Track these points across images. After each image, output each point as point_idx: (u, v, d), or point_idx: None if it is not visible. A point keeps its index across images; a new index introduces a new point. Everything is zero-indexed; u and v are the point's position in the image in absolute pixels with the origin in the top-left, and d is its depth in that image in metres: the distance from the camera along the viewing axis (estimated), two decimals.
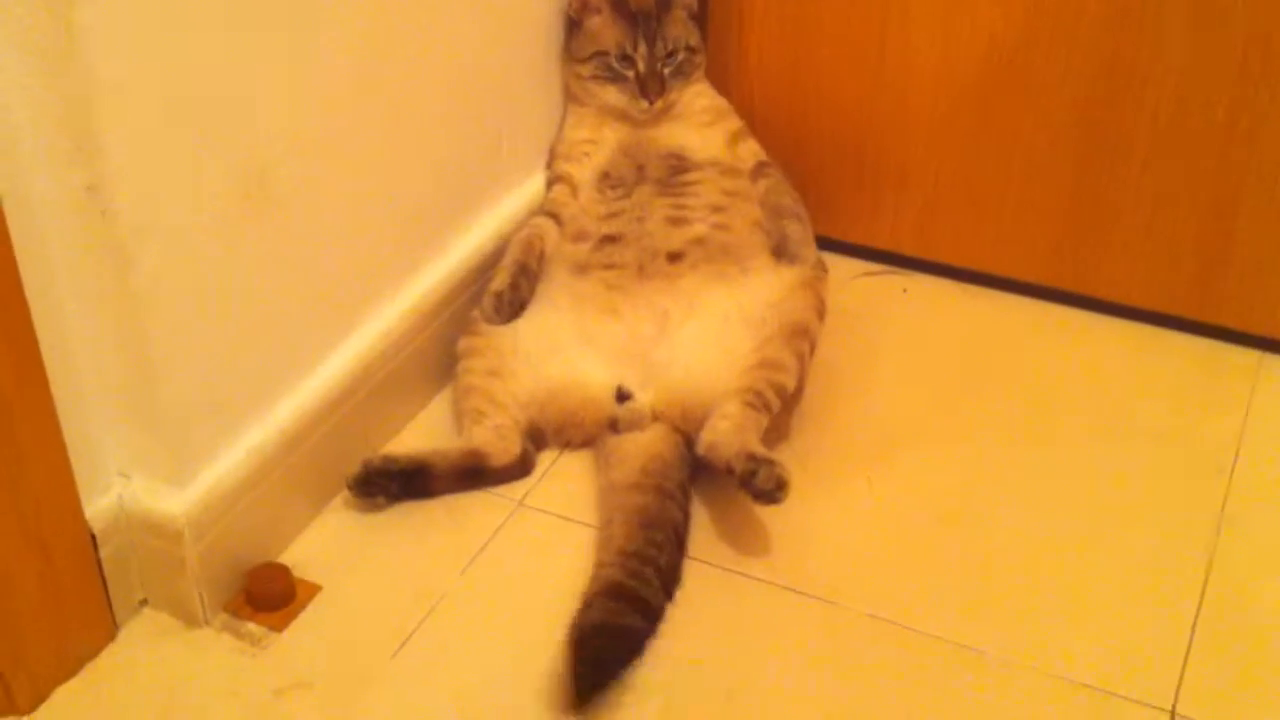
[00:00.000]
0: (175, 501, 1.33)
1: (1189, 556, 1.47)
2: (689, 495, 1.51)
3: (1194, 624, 1.40)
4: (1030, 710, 1.31)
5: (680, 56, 1.76)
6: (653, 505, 1.46)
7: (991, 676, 1.35)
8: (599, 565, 1.42)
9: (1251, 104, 1.64)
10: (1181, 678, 1.34)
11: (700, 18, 1.82)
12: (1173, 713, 1.31)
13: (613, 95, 1.76)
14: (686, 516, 1.49)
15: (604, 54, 1.75)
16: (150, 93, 1.19)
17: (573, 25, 1.78)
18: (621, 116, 1.77)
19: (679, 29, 1.76)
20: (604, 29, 1.75)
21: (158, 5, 1.17)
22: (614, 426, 1.57)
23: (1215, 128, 1.67)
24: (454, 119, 1.64)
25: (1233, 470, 1.58)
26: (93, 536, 1.33)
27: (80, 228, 1.21)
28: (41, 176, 1.18)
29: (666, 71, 1.75)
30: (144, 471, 1.35)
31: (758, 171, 1.78)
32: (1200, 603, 1.42)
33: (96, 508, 1.33)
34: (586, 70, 1.76)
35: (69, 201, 1.19)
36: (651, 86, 1.74)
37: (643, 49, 1.74)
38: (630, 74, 1.74)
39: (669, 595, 1.41)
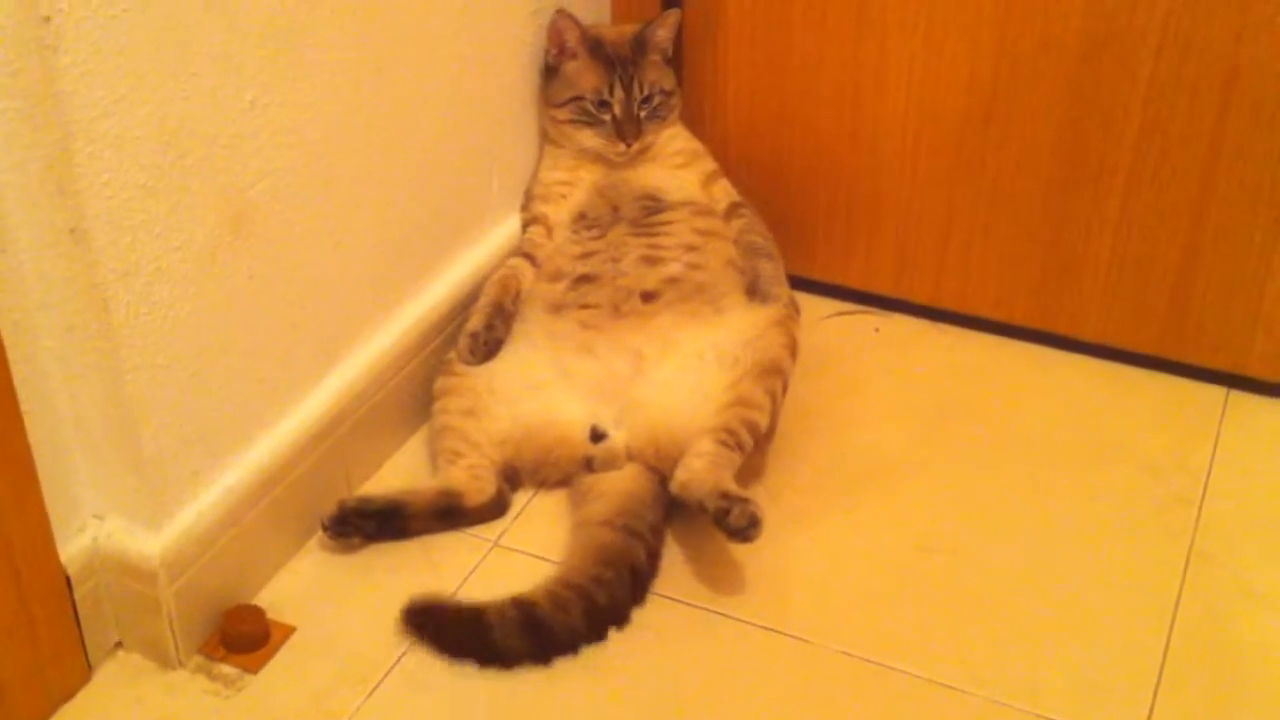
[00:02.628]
0: (150, 542, 1.34)
1: (1159, 590, 1.49)
2: (661, 537, 1.52)
3: (1164, 657, 1.41)
4: None
5: (656, 100, 1.78)
6: (617, 543, 1.48)
7: (966, 714, 1.35)
8: (534, 588, 1.44)
9: (1220, 145, 1.66)
10: (1152, 711, 1.35)
11: (676, 61, 1.84)
12: None
13: (590, 138, 1.78)
14: (654, 558, 1.50)
15: (581, 98, 1.77)
16: (131, 135, 1.20)
17: (549, 71, 1.79)
18: (597, 158, 1.79)
19: (655, 73, 1.78)
20: (581, 74, 1.77)
21: (139, 49, 1.19)
22: (589, 466, 1.58)
23: (1182, 166, 1.69)
24: (434, 160, 1.66)
25: (1201, 504, 1.60)
26: (68, 578, 1.33)
27: (60, 268, 1.21)
28: (22, 218, 1.19)
29: (643, 115, 1.77)
30: (119, 512, 1.35)
31: (731, 212, 1.80)
32: (1170, 636, 1.43)
33: (72, 549, 1.33)
34: (563, 114, 1.78)
35: (49, 243, 1.20)
36: (628, 130, 1.76)
37: (619, 93, 1.76)
38: (607, 118, 1.76)
39: (600, 635, 1.42)
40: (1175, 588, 1.49)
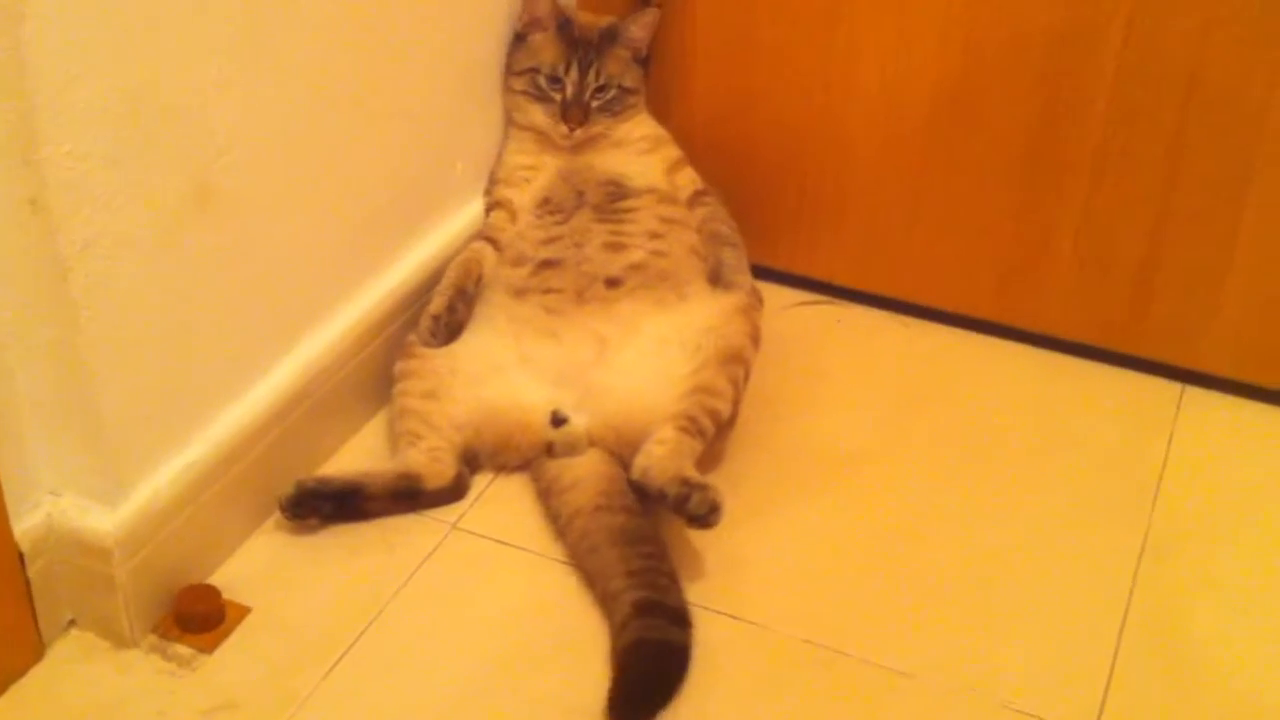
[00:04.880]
0: (106, 520, 1.32)
1: (1114, 581, 1.50)
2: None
3: (1117, 647, 1.42)
4: None
5: (611, 93, 1.77)
6: (630, 523, 1.48)
7: (921, 700, 1.36)
8: (611, 595, 1.41)
9: (1180, 138, 1.68)
10: (1105, 700, 1.36)
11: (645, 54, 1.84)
12: None
13: (538, 115, 1.77)
14: (658, 526, 1.49)
15: (536, 70, 1.76)
16: (95, 106, 1.18)
17: (518, 39, 1.79)
18: (552, 140, 1.78)
19: (617, 67, 1.78)
20: (544, 47, 1.76)
21: (105, 19, 1.17)
22: (550, 451, 1.58)
23: (1145, 162, 1.71)
24: (401, 138, 1.65)
25: (1156, 497, 1.62)
26: (20, 555, 1.31)
27: (18, 239, 1.20)
28: None
29: (595, 104, 1.76)
30: (75, 489, 1.34)
31: (695, 199, 1.80)
32: (1123, 626, 1.45)
33: (25, 525, 1.32)
34: (518, 84, 1.78)
35: (8, 213, 1.18)
36: (573, 114, 1.76)
37: (574, 75, 1.75)
38: (558, 96, 1.76)
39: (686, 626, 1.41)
40: (1130, 578, 1.50)
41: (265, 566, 1.47)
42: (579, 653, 1.39)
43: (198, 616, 1.38)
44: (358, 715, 1.32)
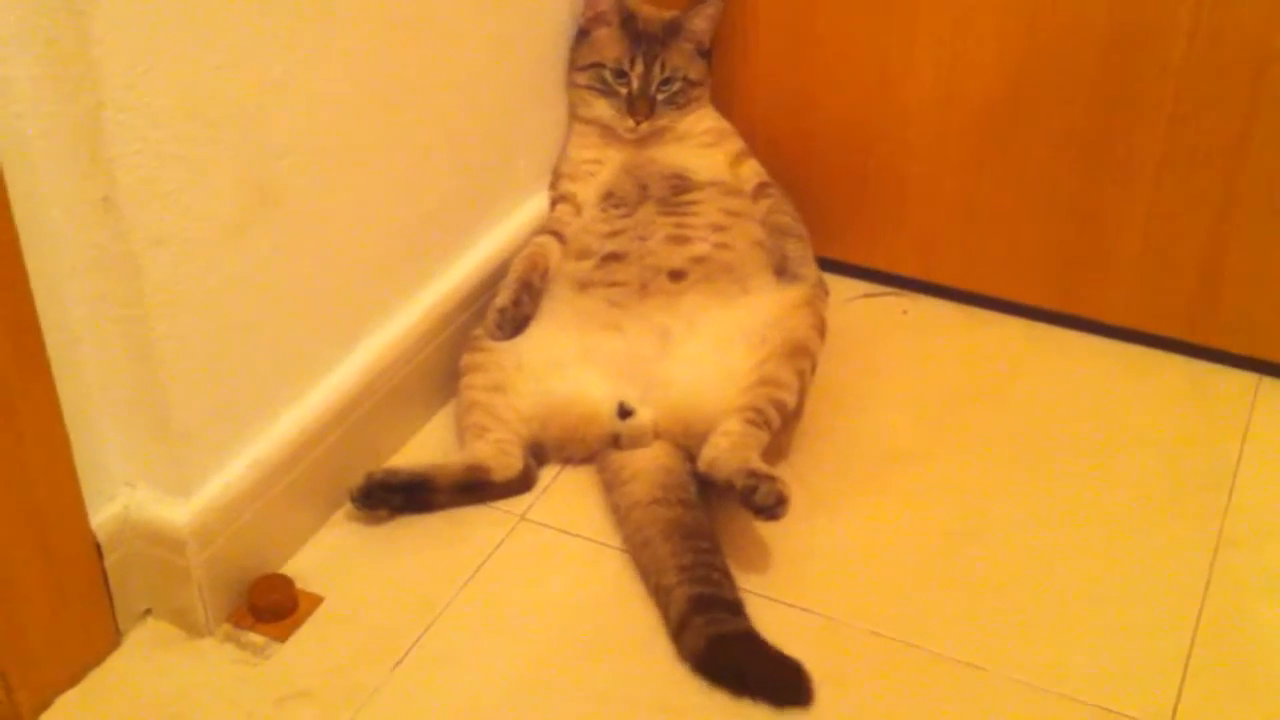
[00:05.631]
0: (180, 511, 1.34)
1: (1187, 576, 1.48)
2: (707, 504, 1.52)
3: (1191, 642, 1.40)
4: None
5: (676, 86, 1.77)
6: (685, 517, 1.48)
7: (991, 693, 1.35)
8: (664, 589, 1.41)
9: (1249, 128, 1.65)
10: (1179, 695, 1.35)
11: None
12: None
13: (603, 109, 1.78)
14: (712, 521, 1.49)
15: (601, 65, 1.77)
16: (160, 104, 1.20)
17: (581, 34, 1.80)
18: (617, 134, 1.79)
19: (681, 59, 1.78)
20: (608, 42, 1.77)
21: (170, 17, 1.19)
22: (616, 443, 1.58)
23: (1213, 152, 1.68)
24: (463, 135, 1.66)
25: (1231, 492, 1.59)
26: (98, 545, 1.33)
27: (92, 238, 1.22)
28: (54, 186, 1.19)
29: (660, 97, 1.76)
30: (149, 481, 1.36)
31: (759, 191, 1.79)
32: (1198, 622, 1.43)
33: (102, 517, 1.34)
34: (583, 79, 1.79)
35: (81, 211, 1.20)
36: (639, 107, 1.76)
37: (639, 68, 1.75)
38: (623, 91, 1.76)
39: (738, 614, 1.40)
40: (1204, 574, 1.48)
41: (337, 557, 1.48)
42: (644, 644, 1.39)
43: (271, 606, 1.39)
44: (428, 704, 1.33)
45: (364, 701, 1.33)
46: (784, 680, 1.34)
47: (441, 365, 1.66)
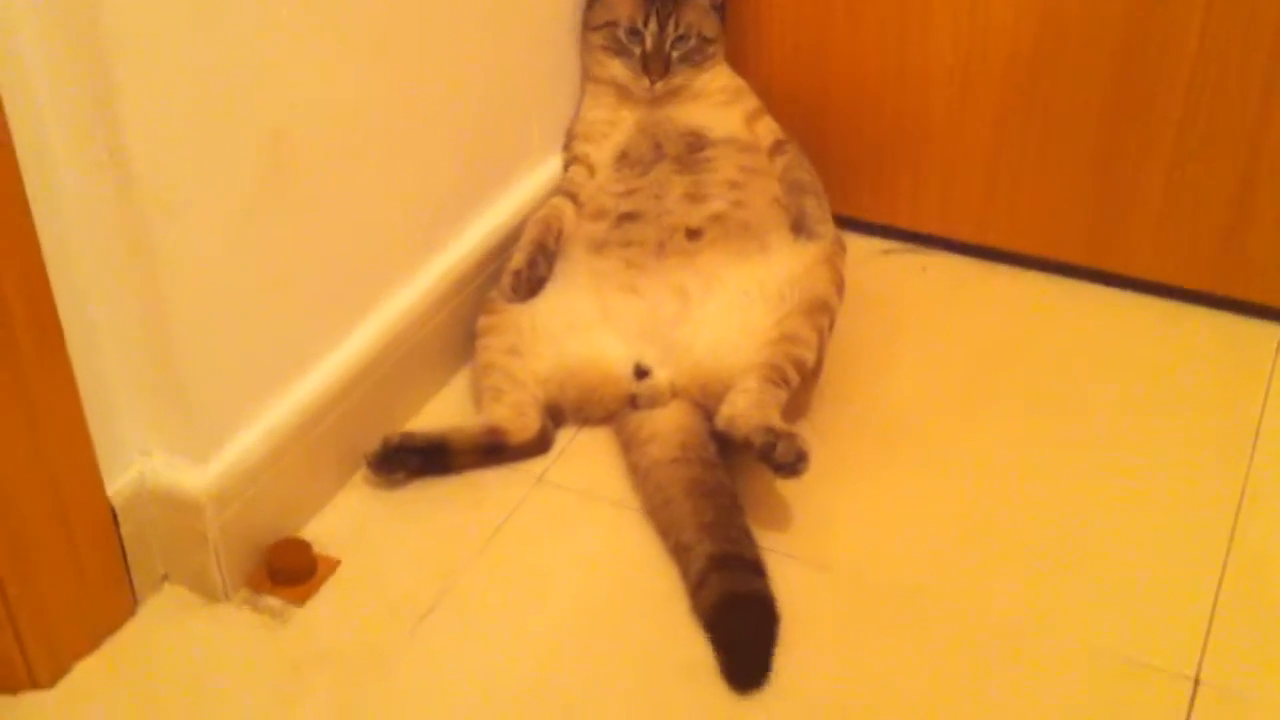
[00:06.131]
0: (196, 476, 1.34)
1: (1212, 528, 1.47)
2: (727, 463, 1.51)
3: (1216, 594, 1.39)
4: (1056, 679, 1.31)
5: (691, 43, 1.76)
6: (705, 476, 1.47)
7: (1016, 647, 1.34)
8: (685, 548, 1.41)
9: (1273, 79, 1.63)
10: (1205, 646, 1.33)
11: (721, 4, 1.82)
12: (1196, 680, 1.30)
13: (618, 69, 1.76)
14: (733, 480, 1.48)
15: (614, 24, 1.75)
16: (173, 66, 1.19)
17: None
18: (631, 94, 1.77)
19: (695, 15, 1.76)
20: (621, 0, 1.75)
21: None
22: (633, 403, 1.57)
23: (1239, 104, 1.66)
24: (476, 99, 1.65)
25: (1255, 443, 1.57)
26: (114, 512, 1.33)
27: (103, 199, 1.21)
28: (65, 149, 1.18)
29: (675, 55, 1.75)
30: (165, 447, 1.35)
31: (776, 149, 1.78)
32: (1223, 573, 1.41)
33: (118, 483, 1.33)
34: (597, 39, 1.77)
35: (92, 174, 1.20)
36: (654, 66, 1.74)
37: (653, 26, 1.74)
38: (637, 50, 1.74)
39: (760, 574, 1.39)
40: (1229, 526, 1.47)
41: (354, 520, 1.48)
42: (664, 603, 1.38)
43: (289, 570, 1.39)
44: (447, 667, 1.33)
45: (383, 664, 1.32)
46: (747, 660, 1.31)
47: (457, 329, 1.66)
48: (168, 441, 1.35)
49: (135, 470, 1.35)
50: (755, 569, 1.38)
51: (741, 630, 1.34)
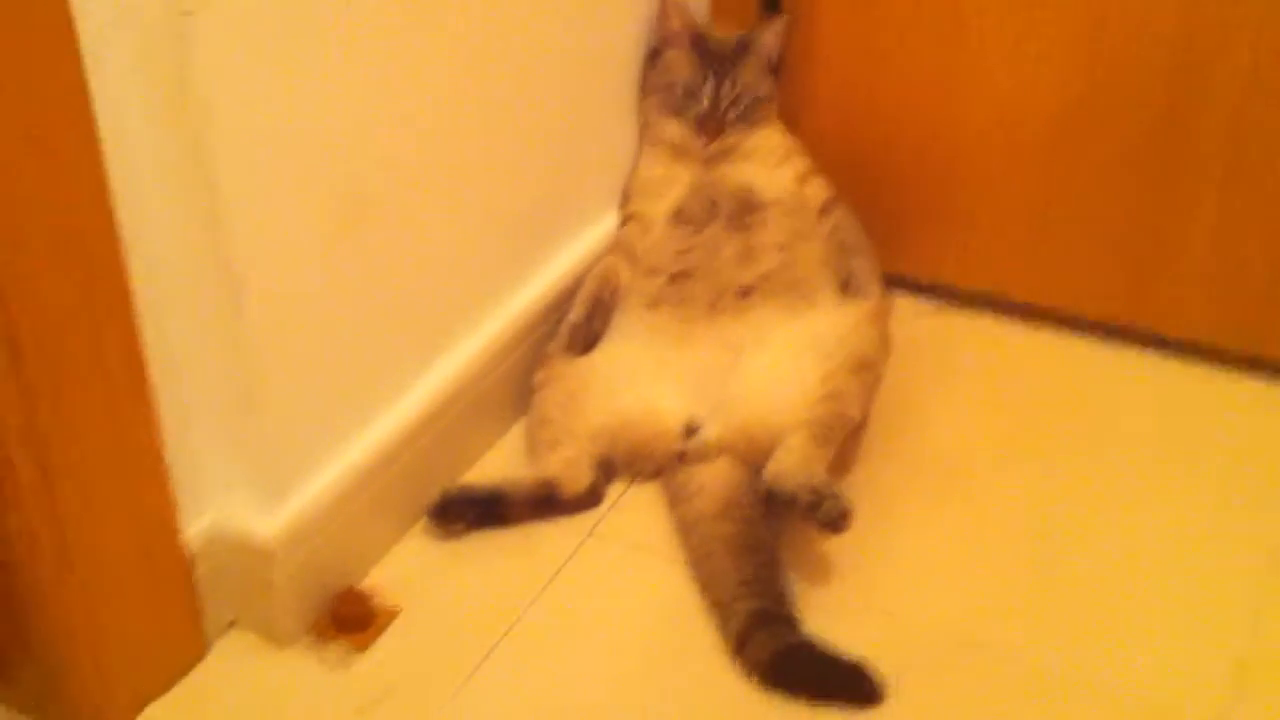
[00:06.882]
0: (268, 523, 1.39)
1: (1244, 585, 1.50)
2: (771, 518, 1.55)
3: (1249, 648, 1.42)
4: None
5: (746, 102, 1.80)
6: (747, 532, 1.51)
7: (1054, 693, 1.38)
8: (724, 604, 1.45)
9: None
10: (1237, 699, 1.37)
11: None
12: None
13: (674, 129, 1.81)
14: (775, 536, 1.52)
15: (673, 86, 1.80)
16: (260, 123, 1.25)
17: (653, 55, 1.83)
18: (687, 153, 1.82)
19: (751, 76, 1.81)
20: (679, 62, 1.80)
21: (268, 38, 1.24)
22: (682, 458, 1.62)
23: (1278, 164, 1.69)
24: (542, 155, 1.70)
25: None
26: (190, 557, 1.38)
27: (194, 254, 1.27)
28: (160, 205, 1.24)
29: (731, 115, 1.79)
30: (238, 493, 1.40)
31: (826, 209, 1.82)
32: (1255, 628, 1.45)
33: (195, 527, 1.39)
34: (655, 101, 1.82)
35: (185, 229, 1.25)
36: (711, 125, 1.79)
37: (709, 87, 1.78)
38: (694, 110, 1.79)
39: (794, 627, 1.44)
40: (1261, 587, 1.50)
41: (415, 569, 1.53)
42: (711, 655, 1.43)
43: (352, 617, 1.44)
44: (500, 714, 1.38)
45: (440, 710, 1.37)
46: (854, 681, 1.37)
47: (517, 380, 1.71)
48: (243, 486, 1.40)
49: (211, 514, 1.40)
50: (791, 624, 1.42)
51: (816, 672, 1.39)
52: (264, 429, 1.37)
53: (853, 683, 1.37)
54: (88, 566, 1.28)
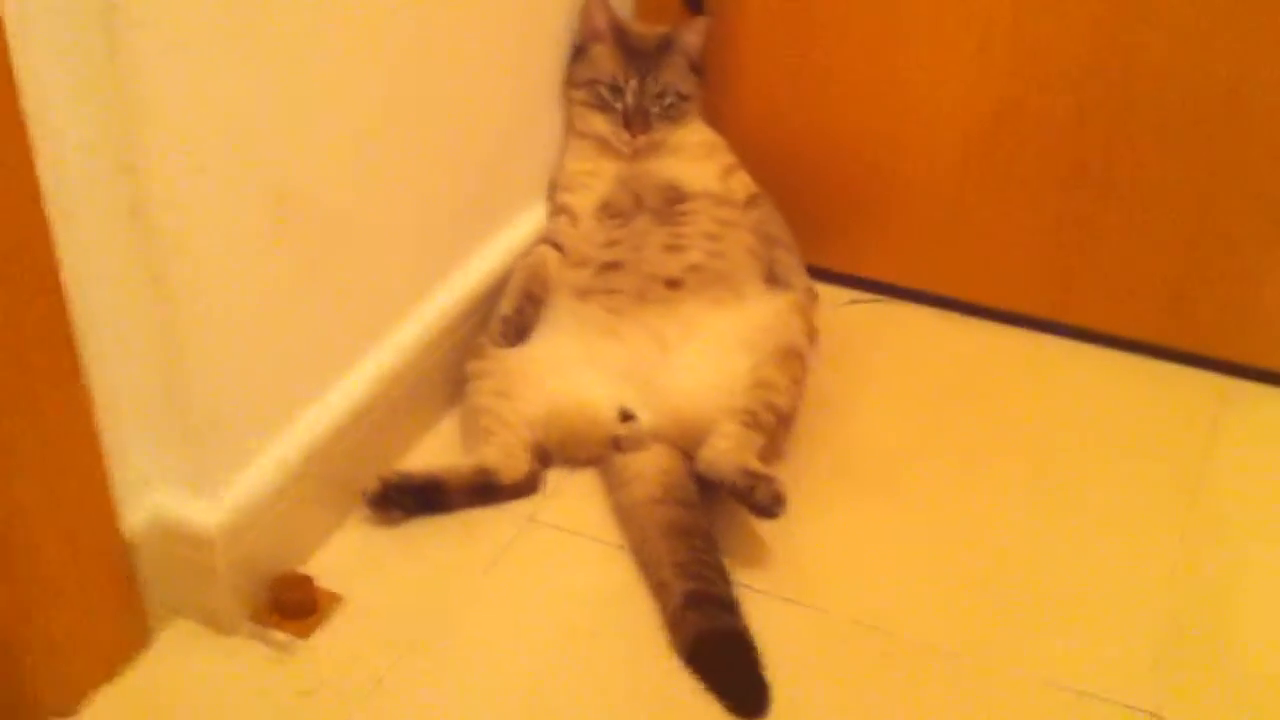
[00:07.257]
0: (208, 512, 1.39)
1: (1160, 569, 1.56)
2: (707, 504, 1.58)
3: (1163, 630, 1.48)
4: (1013, 714, 1.39)
5: (670, 100, 1.84)
6: (683, 516, 1.54)
7: (974, 681, 1.42)
8: (661, 585, 1.48)
9: (1220, 144, 1.74)
10: (1153, 680, 1.43)
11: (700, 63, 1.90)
12: (1157, 715, 1.39)
13: (600, 124, 1.84)
14: (710, 522, 1.56)
15: (597, 82, 1.83)
16: (188, 117, 1.25)
17: (578, 51, 1.86)
18: (613, 147, 1.85)
19: (674, 74, 1.84)
20: (603, 58, 1.83)
21: (200, 33, 1.24)
22: (617, 445, 1.64)
23: (1187, 164, 1.77)
24: (470, 150, 1.72)
25: (1198, 490, 1.67)
26: (128, 547, 1.38)
27: (121, 244, 1.26)
28: (86, 193, 1.23)
29: (654, 111, 1.83)
30: (176, 482, 1.40)
31: (750, 202, 1.86)
32: (1170, 610, 1.51)
33: (132, 519, 1.38)
34: (580, 95, 1.85)
35: (110, 218, 1.25)
36: (636, 122, 1.82)
37: (634, 84, 1.82)
38: (619, 106, 1.83)
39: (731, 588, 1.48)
40: (1175, 567, 1.56)
41: (354, 556, 1.54)
42: (649, 637, 1.45)
43: (293, 604, 1.45)
44: (442, 695, 1.39)
45: (383, 694, 1.38)
46: (746, 690, 1.39)
47: (449, 370, 1.72)
48: (179, 476, 1.40)
49: (148, 505, 1.40)
50: (727, 606, 1.46)
51: (724, 664, 1.41)
52: (197, 419, 1.37)
53: (743, 691, 1.39)
54: (23, 557, 1.27)
